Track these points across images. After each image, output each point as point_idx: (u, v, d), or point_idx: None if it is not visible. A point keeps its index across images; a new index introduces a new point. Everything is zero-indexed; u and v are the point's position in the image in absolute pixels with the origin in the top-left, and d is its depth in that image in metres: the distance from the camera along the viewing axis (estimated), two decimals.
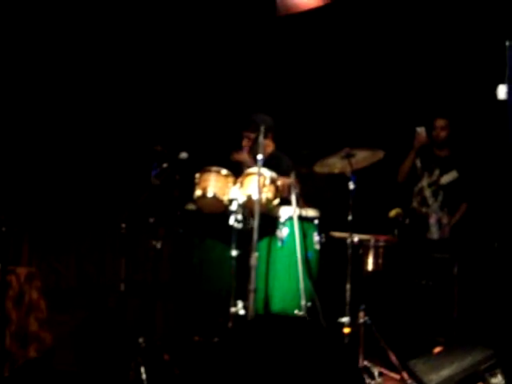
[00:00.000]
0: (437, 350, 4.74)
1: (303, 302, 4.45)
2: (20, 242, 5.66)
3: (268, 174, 4.60)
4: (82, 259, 5.91)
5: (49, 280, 5.57)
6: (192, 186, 4.75)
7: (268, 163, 5.12)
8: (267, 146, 5.23)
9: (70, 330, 4.91)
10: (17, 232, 5.52)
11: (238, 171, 4.86)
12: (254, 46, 6.42)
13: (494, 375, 4.16)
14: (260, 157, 4.42)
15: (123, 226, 4.79)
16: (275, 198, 4.61)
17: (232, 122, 5.79)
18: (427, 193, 5.58)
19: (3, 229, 3.91)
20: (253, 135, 5.08)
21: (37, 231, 5.80)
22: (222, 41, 6.41)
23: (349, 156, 4.55)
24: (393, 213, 5.27)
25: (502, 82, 5.09)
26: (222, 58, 6.41)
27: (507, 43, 5.02)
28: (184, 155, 4.90)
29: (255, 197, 4.41)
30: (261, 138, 4.48)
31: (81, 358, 4.69)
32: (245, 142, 5.19)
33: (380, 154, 4.66)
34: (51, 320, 4.78)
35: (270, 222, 4.64)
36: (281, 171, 4.83)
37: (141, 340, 4.55)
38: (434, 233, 5.44)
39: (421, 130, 5.51)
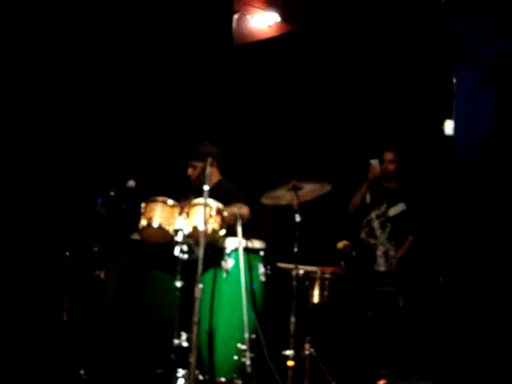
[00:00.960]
0: (381, 382, 4.75)
1: (247, 335, 4.41)
2: None
3: (214, 204, 4.56)
4: (27, 287, 5.78)
5: None
6: (138, 215, 4.70)
7: (213, 192, 5.11)
8: (213, 174, 5.20)
9: (12, 359, 4.82)
10: None
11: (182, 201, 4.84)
12: (203, 76, 6.45)
13: None
14: (206, 187, 4.39)
15: (67, 254, 4.75)
16: (221, 228, 4.58)
17: (180, 150, 5.78)
18: (375, 224, 5.64)
19: None
20: (198, 164, 5.09)
21: None
22: (172, 69, 6.41)
23: (296, 188, 4.57)
24: (340, 244, 5.30)
25: (449, 118, 5.21)
26: (171, 86, 6.41)
27: (454, 80, 5.14)
28: (132, 183, 4.87)
29: (201, 228, 4.37)
30: (208, 169, 4.46)
31: None
32: (190, 171, 5.19)
33: (327, 187, 4.68)
34: None
35: (215, 253, 4.60)
36: (226, 201, 4.81)
37: (82, 371, 4.49)
38: (381, 265, 5.48)
39: (374, 163, 5.59)
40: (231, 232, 4.67)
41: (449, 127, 5.18)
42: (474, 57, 5.04)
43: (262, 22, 6.72)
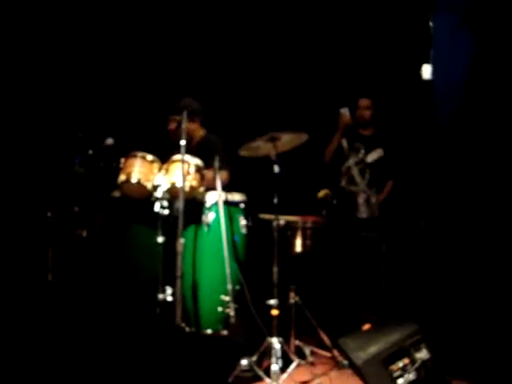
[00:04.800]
0: (366, 327, 4.83)
1: (230, 287, 4.47)
2: None
3: (193, 161, 4.56)
4: (13, 249, 5.79)
5: None
6: (117, 172, 4.68)
7: (199, 148, 5.11)
8: (195, 130, 5.25)
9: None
10: None
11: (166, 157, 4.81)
12: (181, 28, 6.35)
13: (419, 350, 4.25)
14: (183, 142, 4.37)
15: (49, 214, 4.75)
16: (200, 186, 4.58)
17: (159, 106, 5.73)
18: (354, 172, 5.65)
19: None
20: (178, 118, 5.02)
21: None
22: (150, 21, 6.31)
23: (273, 139, 4.56)
24: (321, 193, 5.32)
25: (427, 62, 5.18)
26: (146, 42, 6.32)
27: (431, 24, 5.10)
28: (110, 141, 4.85)
29: (179, 184, 4.37)
30: (184, 123, 4.42)
31: (9, 349, 4.64)
32: (171, 126, 5.18)
33: (304, 137, 4.66)
34: None
35: (195, 208, 4.63)
36: (211, 158, 4.73)
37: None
38: (363, 212, 5.51)
39: (344, 111, 5.58)
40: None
41: (426, 71, 5.17)
42: None
43: None
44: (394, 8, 5.70)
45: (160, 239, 4.49)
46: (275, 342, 4.35)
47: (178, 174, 4.46)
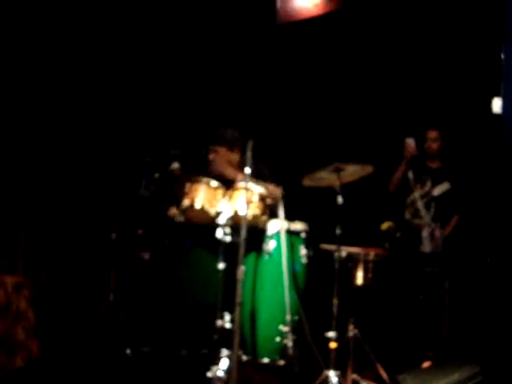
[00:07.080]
0: (426, 364, 4.72)
1: (288, 317, 4.44)
2: (15, 250, 5.69)
3: (257, 189, 4.57)
4: (76, 268, 5.91)
5: (42, 288, 5.58)
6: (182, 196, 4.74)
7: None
8: (235, 161, 5.17)
9: (59, 339, 4.96)
10: (11, 241, 5.57)
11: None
12: (247, 56, 6.43)
13: None
14: (248, 170, 4.39)
15: (113, 236, 4.83)
16: (263, 214, 4.58)
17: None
18: (419, 204, 5.57)
19: None
20: (220, 149, 5.08)
21: (32, 240, 5.82)
22: (216, 49, 6.42)
23: (338, 170, 4.55)
24: (384, 226, 5.26)
25: (497, 95, 5.08)
26: (213, 67, 6.41)
27: (502, 56, 5.01)
28: (176, 166, 4.91)
29: (242, 212, 4.38)
30: (249, 152, 4.44)
31: (69, 367, 4.72)
32: (212, 156, 5.12)
33: (369, 169, 4.64)
34: (40, 328, 4.82)
35: (257, 236, 4.63)
36: (260, 178, 4.77)
37: (128, 351, 4.58)
38: (427, 246, 5.43)
39: (410, 141, 5.53)
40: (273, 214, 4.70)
41: (497, 105, 5.06)
42: None
43: (307, 0, 6.63)
44: (465, 39, 5.64)
45: (221, 265, 4.50)
46: (332, 375, 4.32)
47: (241, 201, 4.47)
